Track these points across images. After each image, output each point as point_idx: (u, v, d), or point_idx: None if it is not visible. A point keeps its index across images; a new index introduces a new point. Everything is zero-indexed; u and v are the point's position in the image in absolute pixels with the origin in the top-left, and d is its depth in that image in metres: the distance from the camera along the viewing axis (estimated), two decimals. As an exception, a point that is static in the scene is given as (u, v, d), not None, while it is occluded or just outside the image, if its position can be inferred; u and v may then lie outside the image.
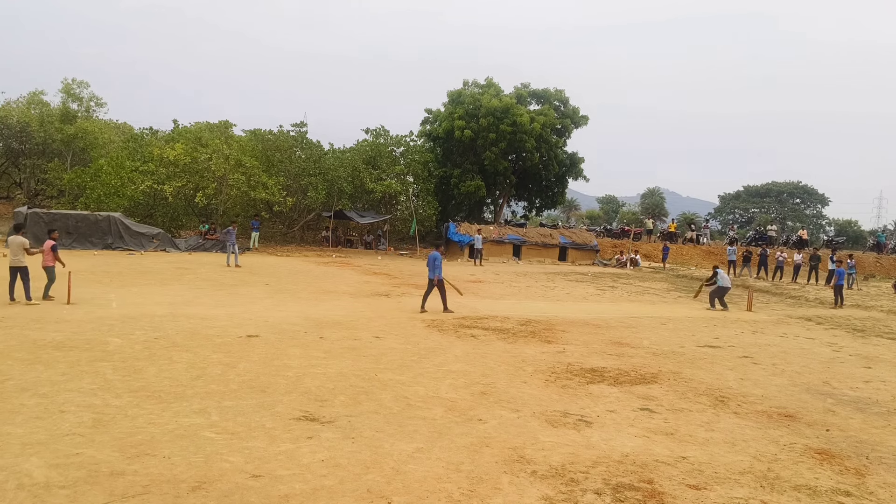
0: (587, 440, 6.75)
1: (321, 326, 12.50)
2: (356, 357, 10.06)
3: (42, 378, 7.94)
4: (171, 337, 10.75)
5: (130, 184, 32.59)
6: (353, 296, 17.55)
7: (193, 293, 16.30)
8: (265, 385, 8.17)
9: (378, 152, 38.97)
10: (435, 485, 5.42)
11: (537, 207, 46.30)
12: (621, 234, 47.00)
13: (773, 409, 8.38)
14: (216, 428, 6.50)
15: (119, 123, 54.97)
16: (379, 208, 40.24)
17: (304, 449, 6.06)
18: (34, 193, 47.77)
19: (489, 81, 41.68)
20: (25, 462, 5.42)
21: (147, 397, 7.39)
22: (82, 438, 6.02)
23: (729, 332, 14.62)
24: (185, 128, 37.51)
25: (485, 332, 12.92)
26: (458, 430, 6.83)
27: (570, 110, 42.17)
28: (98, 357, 9.15)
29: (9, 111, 46.58)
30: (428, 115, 43.38)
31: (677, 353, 11.88)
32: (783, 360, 11.72)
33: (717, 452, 6.60)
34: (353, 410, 7.33)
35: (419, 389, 8.38)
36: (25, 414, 6.60)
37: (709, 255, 41.17)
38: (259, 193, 33.42)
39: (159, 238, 29.93)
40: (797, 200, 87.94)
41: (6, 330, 10.61)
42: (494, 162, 38.63)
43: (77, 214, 28.94)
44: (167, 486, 5.12)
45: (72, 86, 46.93)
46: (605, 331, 13.85)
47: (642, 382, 9.44)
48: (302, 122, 39.18)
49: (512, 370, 9.76)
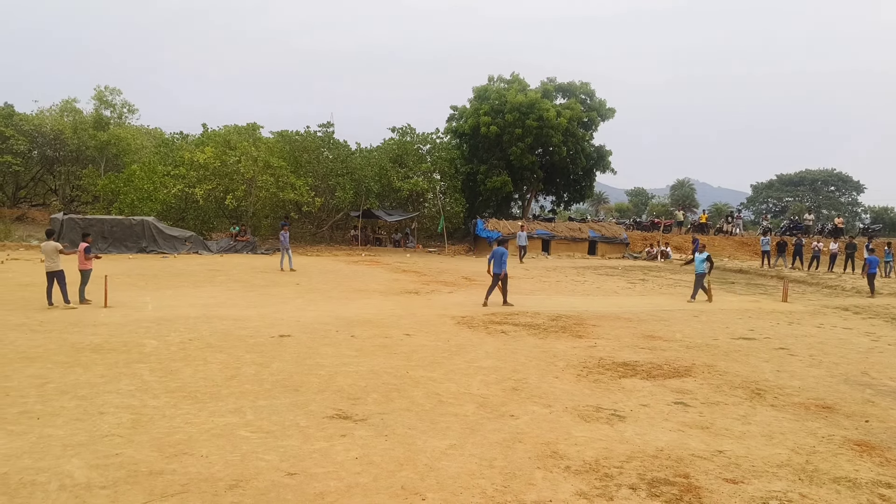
0: (621, 435, 6.70)
1: (352, 325, 12.58)
2: (387, 355, 10.11)
3: (81, 380, 8.12)
4: (205, 338, 10.91)
5: (162, 188, 33.16)
6: (382, 294, 17.64)
7: (226, 294, 16.53)
8: (298, 384, 8.25)
9: (405, 151, 39.08)
10: (468, 481, 5.42)
11: (565, 201, 46.01)
12: (651, 227, 46.55)
13: (810, 401, 8.24)
14: (251, 427, 6.59)
15: (151, 129, 55.91)
16: (406, 206, 40.35)
17: (338, 447, 6.11)
18: (69, 200, 48.79)
19: (514, 77, 41.49)
20: (67, 463, 5.54)
21: (183, 398, 7.52)
22: (121, 439, 6.14)
23: (764, 324, 14.39)
24: (214, 131, 38.03)
25: (515, 327, 12.89)
26: (490, 426, 6.83)
27: (597, 103, 41.80)
28: (135, 359, 9.32)
29: (42, 119, 47.63)
30: (454, 112, 43.35)
31: (711, 345, 11.73)
32: (820, 351, 11.51)
33: (754, 446, 6.50)
34: (386, 408, 7.37)
35: (450, 386, 8.40)
36: (66, 416, 6.75)
37: (742, 245, 40.58)
38: (288, 194, 33.75)
39: (191, 241, 30.38)
40: (832, 188, 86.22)
41: (45, 334, 10.86)
42: (521, 157, 38.46)
43: (112, 219, 29.50)
44: (205, 484, 5.20)
45: (104, 93, 47.85)
46: (637, 324, 13.73)
47: (676, 376, 9.34)
48: (329, 122, 39.48)
49: (543, 365, 9.73)
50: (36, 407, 6.99)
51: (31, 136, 45.42)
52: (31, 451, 5.77)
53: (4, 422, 6.48)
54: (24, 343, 10.06)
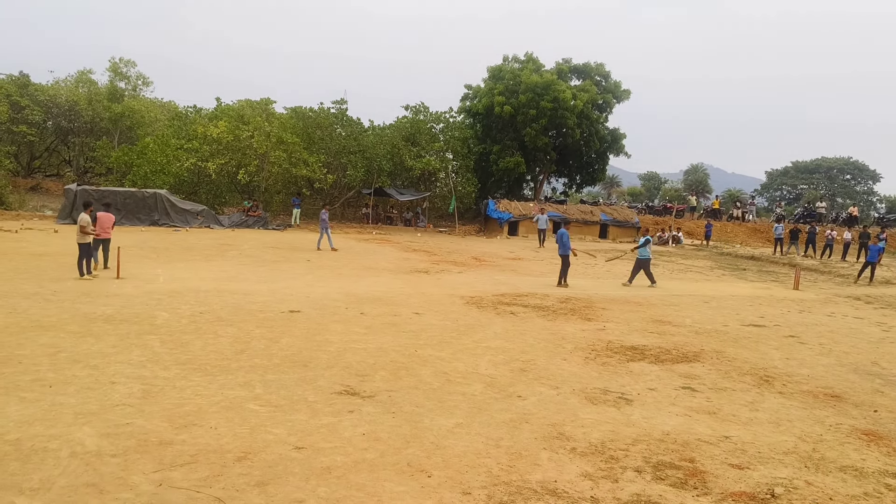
0: (627, 418, 6.72)
1: (362, 302, 12.62)
2: (396, 333, 10.15)
3: (93, 350, 8.20)
4: (215, 312, 10.98)
5: (175, 161, 33.22)
6: (392, 272, 17.66)
7: (237, 269, 16.60)
8: (307, 359, 8.30)
9: (418, 129, 38.88)
10: (474, 460, 5.46)
11: (578, 184, 45.75)
12: (663, 211, 46.27)
13: (819, 390, 8.22)
14: (260, 401, 6.65)
15: (164, 102, 55.95)
16: (418, 185, 40.26)
17: (346, 422, 6.16)
18: (83, 171, 49.04)
19: (529, 57, 41.08)
20: (78, 431, 5.62)
21: (194, 370, 7.58)
22: (132, 409, 6.21)
23: (775, 311, 14.33)
24: (227, 105, 37.98)
25: (524, 308, 12.89)
26: (497, 406, 6.86)
27: (612, 85, 41.36)
28: (146, 330, 9.40)
29: (58, 90, 47.76)
30: (468, 92, 43.02)
31: (721, 331, 11.70)
32: (830, 340, 11.46)
33: (761, 432, 6.50)
34: (394, 385, 7.41)
35: (458, 365, 8.43)
36: (77, 385, 6.83)
37: (754, 232, 40.31)
38: (300, 171, 33.75)
39: (203, 214, 30.49)
40: (847, 176, 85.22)
41: (58, 304, 10.96)
42: (535, 138, 38.19)
43: (125, 191, 29.63)
44: (214, 455, 5.26)
45: (119, 65, 47.84)
46: (647, 308, 13.71)
47: (684, 361, 9.33)
48: (342, 99, 39.33)
49: (552, 347, 9.74)
50: (48, 375, 7.07)
51: (45, 107, 45.55)
52: (43, 418, 5.85)
53: (17, 389, 6.57)
54: (37, 312, 10.16)
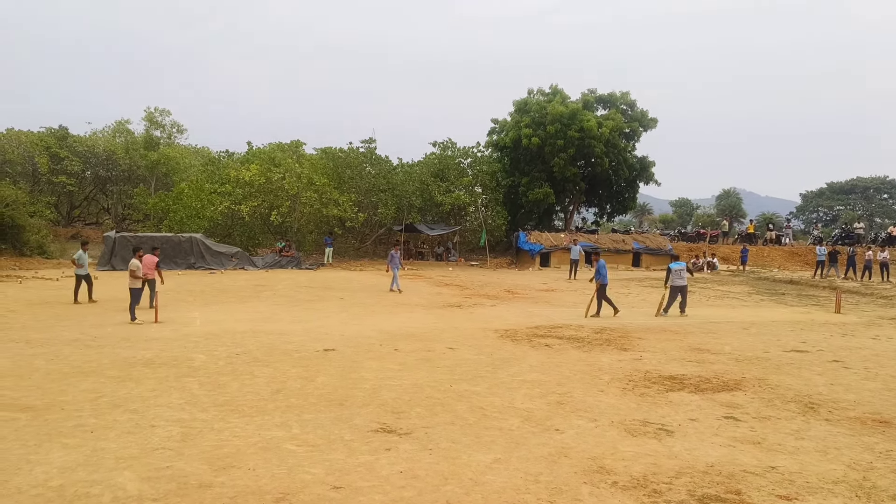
0: (669, 450, 6.57)
1: (395, 339, 12.64)
2: (431, 368, 10.11)
3: (133, 394, 8.31)
4: (251, 352, 11.08)
5: (210, 205, 33.90)
6: (425, 308, 17.68)
7: (271, 310, 16.77)
8: (343, 398, 8.31)
9: (446, 165, 39.23)
10: (514, 496, 5.38)
11: (608, 213, 45.53)
12: (696, 238, 45.73)
13: (867, 415, 7.96)
14: (297, 440, 6.65)
15: (198, 148, 57.37)
16: (448, 220, 40.46)
17: (383, 461, 6.13)
18: (121, 218, 50.28)
19: (554, 88, 41.34)
20: (119, 476, 5.67)
21: (231, 411, 7.63)
22: (172, 452, 6.26)
23: (817, 336, 13.99)
24: (258, 149, 38.78)
25: (559, 340, 12.78)
26: (535, 441, 6.77)
27: (638, 113, 41.36)
28: (184, 373, 9.51)
29: (95, 140, 49.32)
30: (494, 126, 43.36)
31: (762, 358, 11.44)
32: (876, 364, 11.12)
33: (809, 461, 6.31)
34: (430, 422, 7.36)
35: (494, 400, 8.36)
36: (118, 429, 6.91)
37: (792, 255, 39.56)
38: (331, 210, 34.17)
39: (238, 256, 30.95)
40: (884, 195, 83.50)
41: (98, 349, 11.16)
42: (563, 168, 38.22)
43: (161, 236, 30.26)
44: (252, 497, 5.27)
45: (154, 114, 49.30)
46: (684, 337, 13.48)
47: (725, 390, 9.13)
48: (371, 138, 39.94)
49: (588, 379, 9.61)
50: (90, 420, 7.18)
51: (84, 157, 46.96)
52: (85, 463, 5.93)
53: (60, 435, 6.67)
54: (78, 358, 10.35)
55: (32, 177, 45.16)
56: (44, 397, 8.05)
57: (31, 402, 7.85)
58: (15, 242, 29.42)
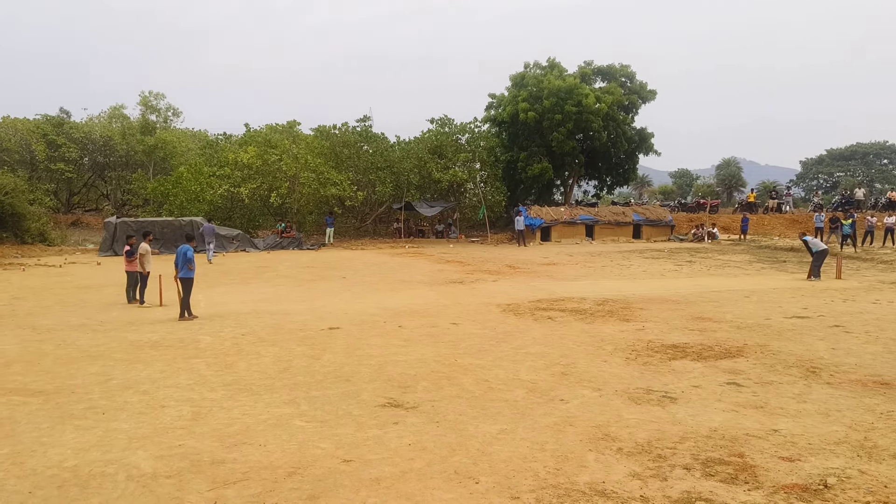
0: (673, 416, 6.67)
1: (399, 316, 12.72)
2: (435, 343, 10.21)
3: (142, 376, 8.41)
4: (257, 333, 11.17)
5: (209, 188, 33.88)
6: (427, 284, 17.75)
7: (274, 290, 16.85)
8: (349, 374, 8.40)
9: (443, 141, 39.05)
10: (521, 464, 5.47)
11: (608, 186, 45.43)
12: (697, 208, 45.71)
13: (868, 378, 8.06)
14: (306, 417, 6.75)
15: (195, 131, 57.15)
16: (447, 197, 40.39)
17: (391, 434, 6.22)
18: (121, 204, 50.29)
19: (551, 62, 40.99)
20: (133, 455, 5.77)
21: (240, 390, 7.73)
22: (183, 431, 6.36)
23: (818, 302, 14.07)
24: (255, 131, 38.64)
25: (561, 313, 12.86)
26: (540, 411, 6.86)
27: (637, 86, 41.07)
28: (192, 354, 9.60)
29: (92, 127, 49.14)
30: (492, 101, 43.09)
31: (763, 325, 11.52)
32: (877, 328, 11.21)
33: (811, 424, 6.40)
34: (436, 395, 7.46)
35: (499, 373, 8.45)
36: (129, 410, 7.01)
37: (793, 223, 39.55)
38: (329, 190, 34.13)
39: (239, 239, 31.00)
40: (884, 161, 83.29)
41: (106, 333, 11.25)
42: (561, 143, 38.05)
43: (162, 221, 30.30)
44: (265, 472, 5.37)
45: (149, 98, 49.08)
46: (685, 306, 13.56)
47: (727, 357, 9.22)
48: (366, 116, 39.72)
49: (591, 350, 9.70)
50: (101, 402, 7.27)
51: (81, 144, 46.85)
52: (98, 444, 6.03)
53: (72, 417, 6.77)
54: (85, 342, 10.44)
55: (30, 165, 45.10)
56: (54, 381, 8.15)
57: (42, 386, 7.95)
58: (16, 231, 29.45)
